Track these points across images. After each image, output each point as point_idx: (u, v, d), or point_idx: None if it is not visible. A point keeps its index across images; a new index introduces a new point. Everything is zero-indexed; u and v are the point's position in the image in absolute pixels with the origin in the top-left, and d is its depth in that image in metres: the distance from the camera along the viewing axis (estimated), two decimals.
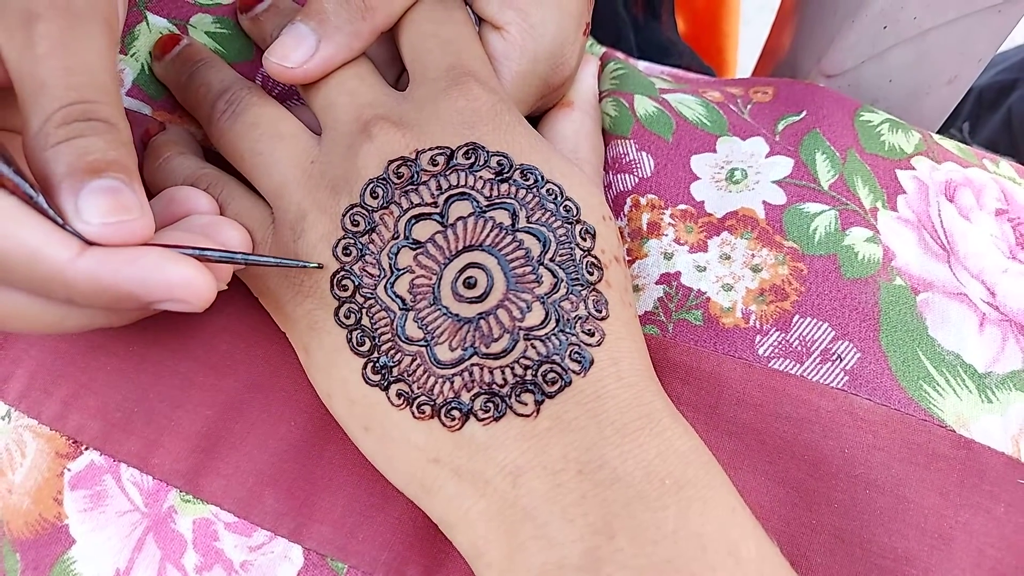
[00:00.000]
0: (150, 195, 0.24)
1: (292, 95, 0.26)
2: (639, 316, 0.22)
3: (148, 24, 0.26)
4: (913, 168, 0.25)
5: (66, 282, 0.17)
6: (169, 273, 0.17)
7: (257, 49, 0.27)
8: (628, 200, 0.24)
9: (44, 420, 0.21)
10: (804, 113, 0.26)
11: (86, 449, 0.21)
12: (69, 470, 0.21)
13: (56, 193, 0.17)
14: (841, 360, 0.21)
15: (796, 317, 0.22)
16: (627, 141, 0.25)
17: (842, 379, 0.21)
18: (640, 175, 0.24)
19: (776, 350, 0.22)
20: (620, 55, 0.29)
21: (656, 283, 0.23)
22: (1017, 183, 0.26)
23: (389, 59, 0.24)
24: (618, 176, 0.25)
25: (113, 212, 0.17)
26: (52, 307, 0.18)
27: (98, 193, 0.17)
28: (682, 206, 0.24)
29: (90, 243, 0.17)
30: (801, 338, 0.22)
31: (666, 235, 0.23)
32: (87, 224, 0.17)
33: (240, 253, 0.19)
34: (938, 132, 0.30)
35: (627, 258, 0.23)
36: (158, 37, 0.26)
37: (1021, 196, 0.25)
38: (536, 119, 0.25)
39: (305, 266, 0.19)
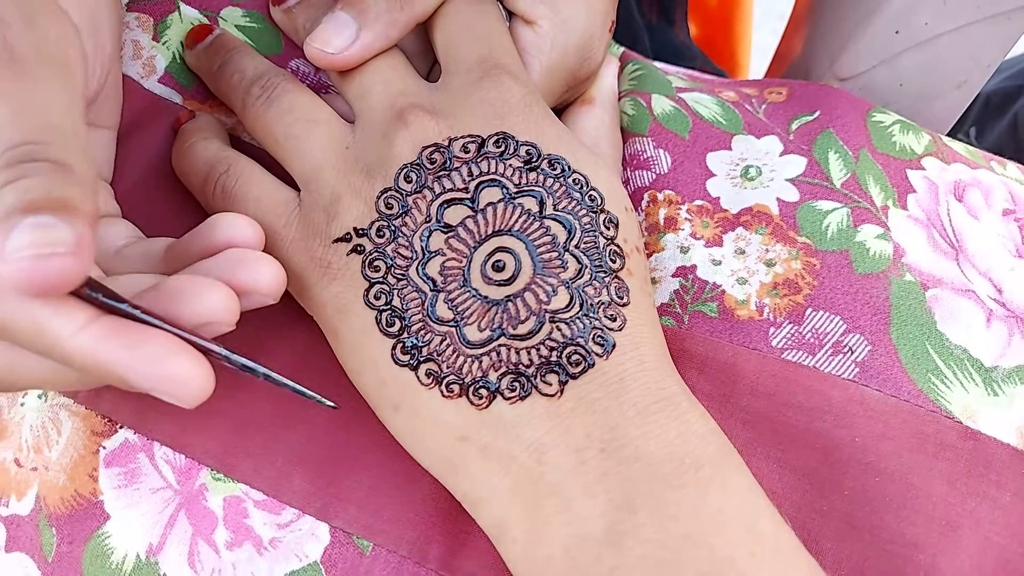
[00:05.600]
0: (174, 181, 0.24)
1: (323, 88, 0.26)
2: (656, 307, 0.23)
3: (180, 14, 0.27)
4: (923, 168, 0.26)
5: (65, 354, 0.16)
6: (168, 369, 0.16)
7: (286, 43, 0.27)
8: (646, 196, 0.25)
9: (79, 399, 0.22)
10: (818, 113, 0.26)
11: (120, 428, 0.22)
12: (104, 448, 0.22)
13: None
14: (852, 352, 0.22)
15: (809, 310, 0.23)
16: (645, 139, 0.26)
17: (853, 371, 0.22)
18: (657, 171, 0.25)
19: (789, 342, 0.22)
20: (638, 56, 0.30)
21: (672, 276, 0.24)
22: None
23: (421, 51, 0.25)
24: (636, 172, 0.25)
25: (34, 245, 0.14)
26: (61, 369, 0.17)
27: (25, 229, 0.15)
28: (698, 202, 0.24)
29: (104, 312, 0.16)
30: (814, 330, 0.22)
31: (682, 230, 0.24)
32: (8, 259, 0.14)
33: (263, 368, 0.18)
34: (947, 135, 0.30)
35: (645, 252, 0.24)
36: (190, 27, 0.27)
37: None
38: (558, 113, 0.26)
39: (320, 402, 0.18)
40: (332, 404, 0.19)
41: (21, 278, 0.14)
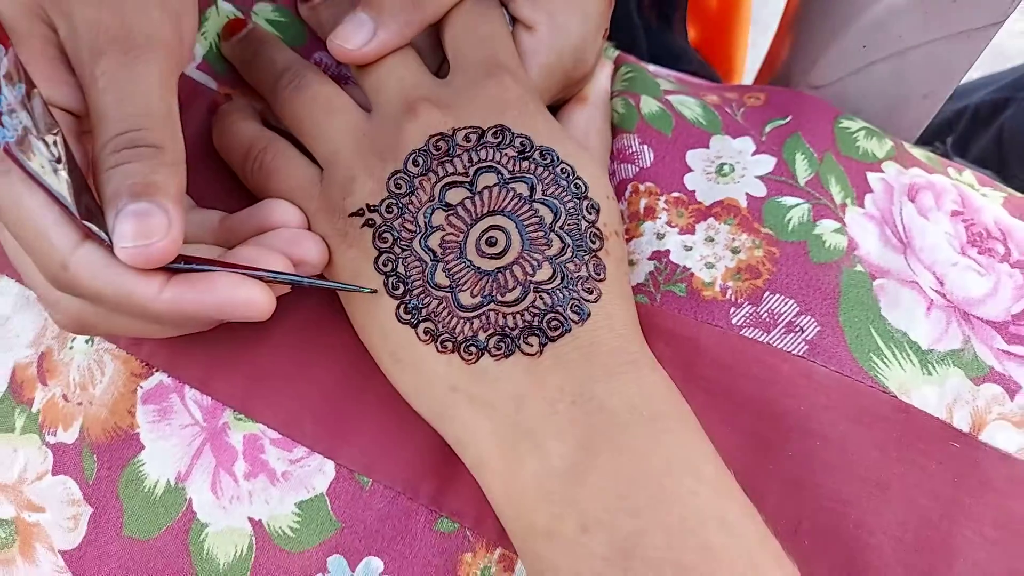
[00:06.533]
0: (216, 158, 0.27)
1: (342, 79, 0.29)
2: (632, 287, 0.26)
3: (217, 8, 0.30)
4: (882, 171, 0.28)
5: (154, 313, 0.20)
6: (238, 297, 0.20)
7: (310, 35, 0.30)
8: (629, 186, 0.28)
9: (122, 345, 0.25)
10: (789, 118, 0.29)
11: (156, 371, 0.25)
12: (141, 387, 0.25)
13: (106, 215, 0.20)
14: (803, 332, 0.25)
15: (767, 293, 0.25)
16: (631, 135, 0.28)
17: (803, 348, 0.25)
18: (641, 165, 0.28)
19: (747, 320, 0.25)
20: (632, 59, 0.33)
21: (648, 259, 0.26)
22: (975, 189, 0.29)
23: (431, 48, 0.28)
24: (622, 165, 0.28)
25: (138, 236, 0.19)
26: (148, 324, 0.22)
27: (129, 217, 0.19)
28: (675, 194, 0.27)
29: (173, 272, 0.20)
30: (770, 311, 0.25)
31: (660, 218, 0.27)
32: (119, 247, 0.19)
33: (306, 278, 0.22)
34: (923, 145, 0.33)
35: (625, 236, 0.27)
36: (226, 20, 0.29)
37: (977, 200, 0.28)
38: (554, 110, 0.29)
39: (359, 290, 0.23)
40: (369, 289, 0.23)
41: (127, 260, 0.19)
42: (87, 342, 0.25)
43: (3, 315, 0.26)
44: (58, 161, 0.19)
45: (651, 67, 0.34)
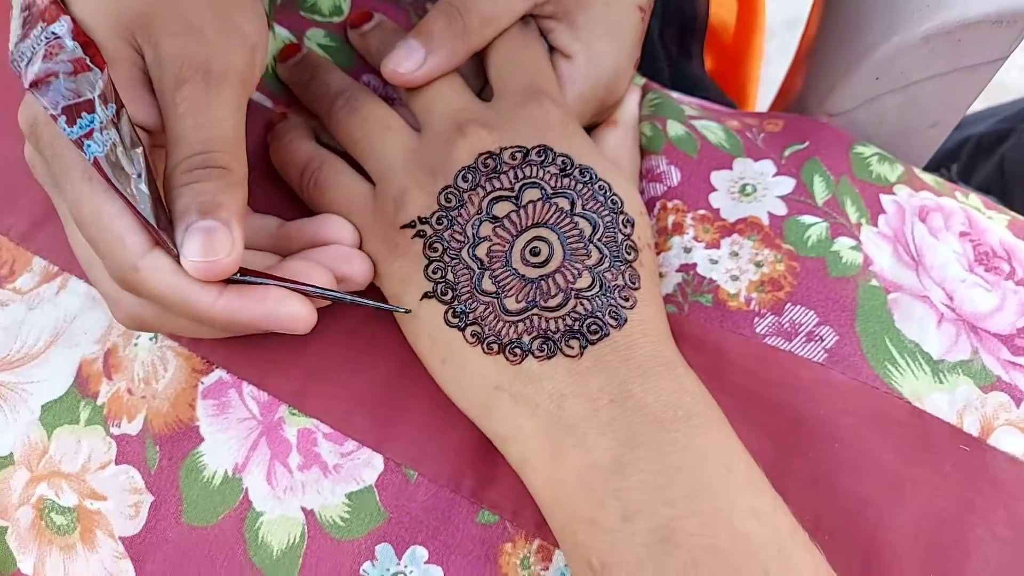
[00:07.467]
0: (270, 170, 0.29)
1: (390, 100, 0.31)
2: (662, 296, 0.28)
3: (274, 33, 0.32)
4: (894, 194, 0.30)
5: (211, 318, 0.22)
6: (284, 311, 0.23)
7: (359, 59, 0.32)
8: (657, 204, 0.29)
9: (183, 343, 0.27)
10: (807, 143, 0.31)
11: (216, 367, 0.27)
12: (202, 383, 0.26)
13: (175, 228, 0.22)
14: (822, 341, 0.26)
15: (788, 304, 0.27)
16: (659, 156, 0.30)
17: (822, 356, 0.26)
18: (668, 184, 0.30)
19: (770, 329, 0.27)
20: (657, 86, 0.35)
21: (676, 271, 0.28)
22: (981, 212, 0.31)
23: (473, 73, 0.30)
24: (651, 184, 0.30)
25: (205, 252, 0.21)
26: (200, 326, 0.24)
27: (197, 233, 0.21)
28: (701, 211, 0.29)
29: (228, 282, 0.22)
30: (791, 321, 0.27)
31: (687, 233, 0.29)
32: (186, 260, 0.21)
33: (348, 296, 0.24)
34: (931, 171, 0.35)
35: (655, 249, 0.29)
36: (281, 45, 0.32)
37: (983, 222, 0.30)
38: (587, 132, 0.31)
39: (396, 310, 0.25)
40: (404, 310, 0.25)
41: (194, 272, 0.21)
42: (151, 339, 0.27)
43: (71, 313, 0.28)
44: (139, 175, 0.21)
45: (674, 94, 0.37)
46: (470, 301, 0.24)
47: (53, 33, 0.22)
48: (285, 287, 0.23)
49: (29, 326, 0.28)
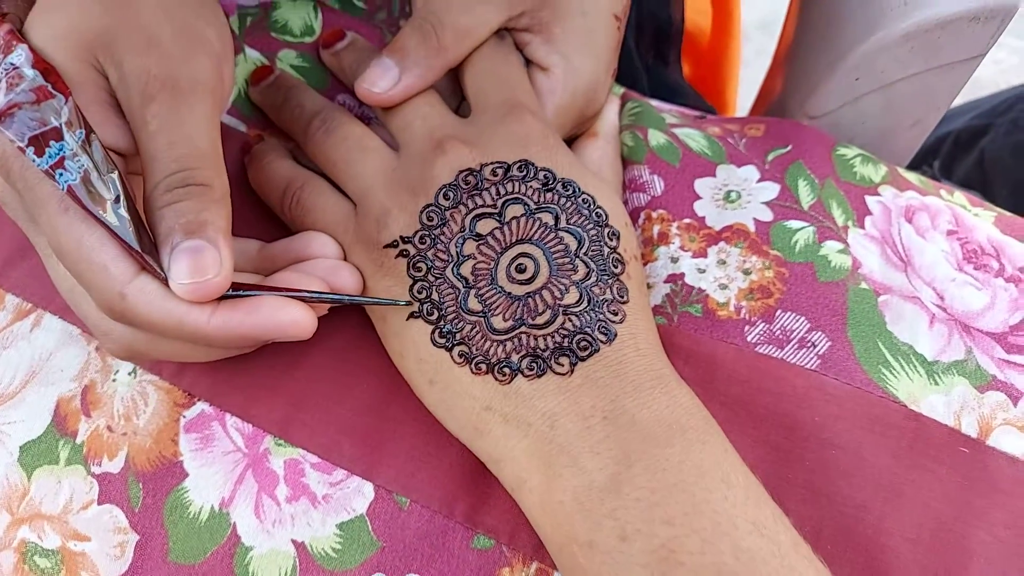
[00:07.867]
0: (251, 194, 0.29)
1: (366, 119, 0.31)
2: (651, 307, 0.27)
3: (245, 55, 0.31)
4: (879, 195, 0.30)
5: (206, 337, 0.21)
6: (284, 317, 0.22)
7: (332, 79, 0.32)
8: (642, 214, 0.29)
9: (164, 376, 0.26)
10: (790, 147, 0.31)
11: (198, 400, 0.26)
12: (184, 417, 0.26)
13: (160, 251, 0.21)
14: (815, 347, 0.26)
15: (779, 312, 0.27)
16: (642, 166, 0.30)
17: (815, 362, 0.26)
18: (652, 194, 0.29)
19: (762, 337, 0.26)
20: (636, 95, 0.35)
21: (664, 282, 0.28)
22: (967, 209, 0.31)
23: (449, 90, 0.29)
24: (634, 194, 0.30)
25: (193, 273, 0.20)
26: (196, 348, 0.23)
27: (183, 254, 0.20)
28: (687, 220, 0.29)
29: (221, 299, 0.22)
30: (782, 328, 0.27)
31: (673, 243, 0.28)
32: (175, 283, 0.21)
33: (346, 296, 0.24)
34: (912, 168, 0.35)
35: (641, 260, 0.28)
36: (253, 67, 0.31)
37: (969, 220, 0.30)
38: (568, 144, 0.30)
39: (396, 303, 0.24)
40: (404, 302, 0.24)
41: (184, 295, 0.21)
42: (130, 374, 0.26)
43: (47, 350, 0.27)
44: (116, 200, 0.21)
45: (654, 102, 0.36)
46: (456, 321, 0.24)
47: (11, 64, 0.21)
48: (280, 296, 0.22)
49: (4, 365, 0.27)
